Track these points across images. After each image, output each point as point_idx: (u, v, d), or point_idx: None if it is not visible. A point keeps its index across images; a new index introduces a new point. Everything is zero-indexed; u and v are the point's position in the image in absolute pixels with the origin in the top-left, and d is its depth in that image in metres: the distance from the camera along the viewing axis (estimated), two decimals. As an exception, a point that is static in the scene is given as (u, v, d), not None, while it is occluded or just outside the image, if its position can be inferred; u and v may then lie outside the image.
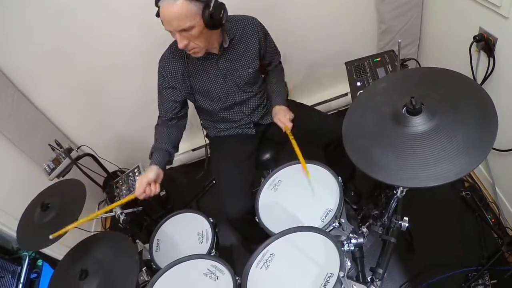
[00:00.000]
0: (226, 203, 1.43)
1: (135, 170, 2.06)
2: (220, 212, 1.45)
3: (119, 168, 2.29)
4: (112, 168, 2.24)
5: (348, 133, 1.02)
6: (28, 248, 1.48)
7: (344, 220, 1.19)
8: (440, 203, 1.79)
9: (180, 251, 1.40)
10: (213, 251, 1.38)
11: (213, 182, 2.21)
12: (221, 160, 1.57)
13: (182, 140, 1.48)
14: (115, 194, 2.02)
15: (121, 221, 1.58)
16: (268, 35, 1.53)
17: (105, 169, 2.14)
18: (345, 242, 1.15)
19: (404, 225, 1.15)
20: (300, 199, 1.27)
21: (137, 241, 1.64)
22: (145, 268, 1.47)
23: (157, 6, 1.18)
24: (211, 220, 1.46)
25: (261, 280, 1.03)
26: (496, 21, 1.35)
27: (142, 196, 1.29)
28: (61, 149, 1.81)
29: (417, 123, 0.90)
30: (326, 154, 1.69)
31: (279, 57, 1.65)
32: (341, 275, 0.92)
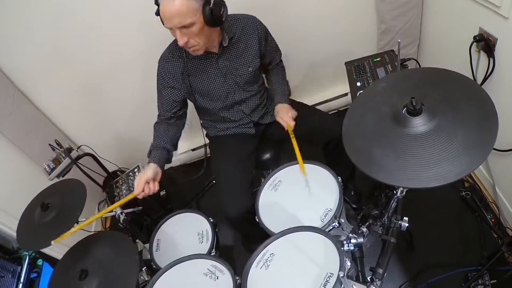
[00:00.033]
0: (226, 202, 1.44)
1: (135, 169, 2.06)
2: (220, 212, 1.45)
3: (119, 168, 2.30)
4: (112, 167, 2.25)
5: (348, 133, 1.01)
6: (28, 248, 1.48)
7: (344, 220, 1.19)
8: (440, 203, 1.79)
9: (180, 251, 1.40)
10: (213, 251, 1.38)
11: (213, 182, 2.21)
12: (221, 160, 1.57)
13: (182, 139, 1.48)
14: (115, 193, 2.02)
15: (121, 221, 1.58)
16: (269, 34, 1.53)
17: (105, 169, 2.14)
18: (345, 242, 1.15)
19: (404, 225, 1.15)
20: (300, 199, 1.27)
21: (137, 240, 1.64)
22: (145, 268, 1.47)
23: (156, 4, 1.19)
24: (211, 220, 1.46)
25: (261, 280, 1.03)
26: (496, 21, 1.35)
27: (141, 195, 1.29)
28: (61, 148, 1.81)
29: (417, 123, 0.90)
30: (326, 154, 1.69)
31: (280, 55, 1.65)
32: (341, 275, 0.92)
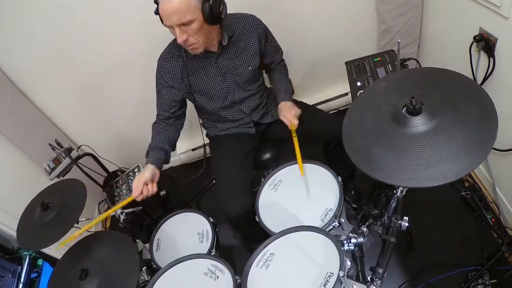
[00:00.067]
0: (226, 202, 1.43)
1: (135, 169, 2.06)
2: (220, 211, 1.45)
3: (119, 168, 2.30)
4: (112, 167, 2.25)
5: (348, 133, 1.01)
6: (28, 247, 1.48)
7: (344, 220, 1.19)
8: (440, 203, 1.79)
9: (180, 251, 1.40)
10: (213, 250, 1.38)
11: (213, 182, 2.21)
12: (221, 159, 1.57)
13: (182, 139, 1.48)
14: (115, 193, 2.03)
15: (121, 221, 1.58)
16: (269, 33, 1.53)
17: (105, 169, 2.14)
18: (345, 242, 1.15)
19: (404, 225, 1.15)
20: (300, 198, 1.27)
21: (137, 240, 1.64)
22: (145, 267, 1.47)
23: (156, 3, 1.19)
24: (211, 220, 1.47)
25: (261, 279, 1.03)
26: (496, 21, 1.35)
27: (140, 198, 1.29)
28: (61, 148, 1.81)
29: (417, 123, 0.90)
30: (326, 153, 1.69)
31: (282, 54, 1.64)
32: (341, 274, 0.92)
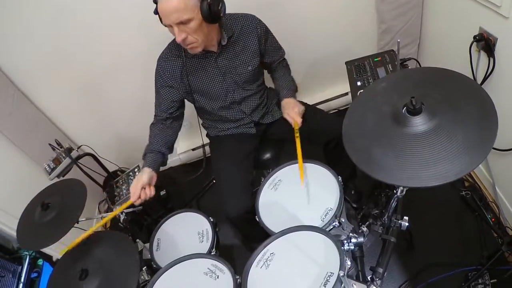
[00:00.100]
0: (226, 202, 1.43)
1: (135, 169, 2.06)
2: (220, 211, 1.45)
3: (119, 168, 2.30)
4: (112, 167, 2.25)
5: (348, 132, 1.01)
6: (28, 247, 1.48)
7: (344, 220, 1.19)
8: (440, 203, 1.80)
9: (181, 251, 1.40)
10: (213, 250, 1.38)
11: (213, 182, 2.21)
12: (221, 160, 1.57)
13: (182, 139, 1.48)
14: (115, 193, 2.03)
15: (122, 221, 1.58)
16: (270, 33, 1.53)
17: (106, 169, 2.14)
18: (345, 241, 1.14)
19: (404, 225, 1.15)
20: (300, 198, 1.27)
21: (138, 240, 1.65)
22: (145, 267, 1.47)
23: (155, 3, 1.19)
24: (211, 220, 1.47)
25: (261, 279, 1.03)
26: (496, 21, 1.35)
27: (138, 202, 1.30)
28: (61, 148, 1.81)
29: (417, 123, 0.90)
30: (326, 153, 1.68)
31: (283, 54, 1.63)
32: (341, 274, 0.92)
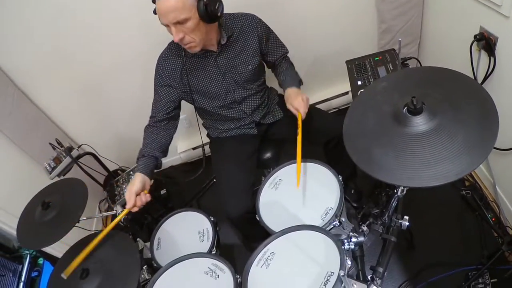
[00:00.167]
0: (227, 202, 1.44)
1: (136, 168, 2.06)
2: (220, 210, 1.45)
3: (120, 167, 2.30)
4: (112, 166, 2.25)
5: (349, 132, 1.01)
6: (29, 246, 1.48)
7: (345, 219, 1.19)
8: (441, 202, 1.80)
9: (181, 250, 1.40)
10: (214, 249, 1.38)
11: (213, 181, 2.21)
12: (222, 160, 1.57)
13: (182, 138, 1.48)
14: (115, 192, 2.03)
15: (122, 220, 1.59)
16: (271, 32, 1.52)
17: (106, 168, 2.14)
18: (345, 241, 1.15)
19: (405, 224, 1.15)
20: (300, 198, 1.27)
21: (138, 239, 1.65)
22: (146, 266, 1.48)
23: (154, 3, 1.19)
24: (211, 219, 1.46)
25: (261, 278, 1.03)
26: (497, 20, 1.35)
27: (135, 209, 1.27)
28: (61, 148, 1.81)
29: (418, 122, 0.90)
30: (327, 152, 1.69)
31: (286, 51, 1.62)
32: (342, 273, 0.92)
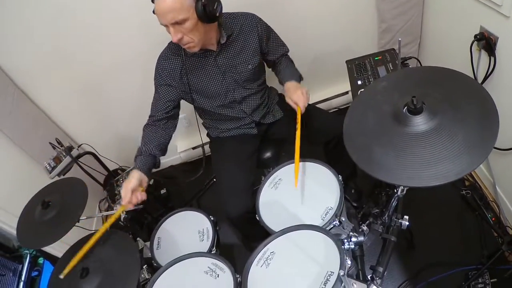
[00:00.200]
0: (227, 201, 1.44)
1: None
2: (220, 210, 1.45)
3: (120, 166, 2.30)
4: (112, 166, 2.25)
5: (349, 131, 1.01)
6: (29, 246, 1.48)
7: (344, 219, 1.19)
8: (441, 202, 1.80)
9: (181, 249, 1.40)
10: (214, 249, 1.38)
11: (214, 180, 2.21)
12: (222, 160, 1.57)
13: (182, 138, 1.47)
14: (115, 192, 2.03)
15: (122, 219, 1.59)
16: (271, 31, 1.52)
17: (106, 167, 2.14)
18: (345, 241, 1.15)
19: (405, 224, 1.15)
20: (300, 197, 1.27)
21: (138, 239, 1.65)
22: (145, 266, 1.48)
23: (153, 2, 1.19)
24: (211, 218, 1.46)
25: (261, 278, 1.03)
26: (497, 20, 1.35)
27: (130, 207, 1.25)
28: (61, 147, 1.81)
29: (418, 122, 0.90)
30: (327, 152, 1.68)
31: (287, 50, 1.62)
32: (341, 273, 0.92)
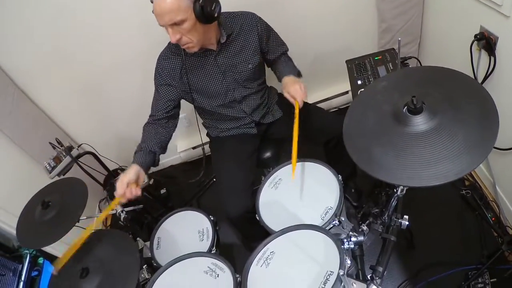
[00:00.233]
0: (226, 201, 1.44)
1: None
2: (220, 210, 1.45)
3: (120, 166, 2.30)
4: (112, 166, 2.25)
5: (349, 131, 1.01)
6: (29, 246, 1.48)
7: (344, 218, 1.19)
8: (441, 202, 1.80)
9: (181, 249, 1.40)
10: (214, 249, 1.38)
11: (214, 180, 2.21)
12: (222, 160, 1.57)
13: (182, 137, 1.47)
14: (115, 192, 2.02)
15: (122, 219, 1.59)
16: (271, 30, 1.52)
17: (106, 167, 2.14)
18: (345, 240, 1.15)
19: (404, 224, 1.15)
20: (300, 197, 1.27)
21: (138, 239, 1.65)
22: (145, 266, 1.48)
23: (152, 2, 1.19)
24: (211, 218, 1.47)
25: (261, 278, 1.03)
26: (497, 20, 1.35)
27: (123, 200, 1.23)
28: (61, 147, 1.81)
29: (418, 122, 0.90)
30: (327, 152, 1.68)
31: (287, 49, 1.61)
32: (341, 273, 0.92)
